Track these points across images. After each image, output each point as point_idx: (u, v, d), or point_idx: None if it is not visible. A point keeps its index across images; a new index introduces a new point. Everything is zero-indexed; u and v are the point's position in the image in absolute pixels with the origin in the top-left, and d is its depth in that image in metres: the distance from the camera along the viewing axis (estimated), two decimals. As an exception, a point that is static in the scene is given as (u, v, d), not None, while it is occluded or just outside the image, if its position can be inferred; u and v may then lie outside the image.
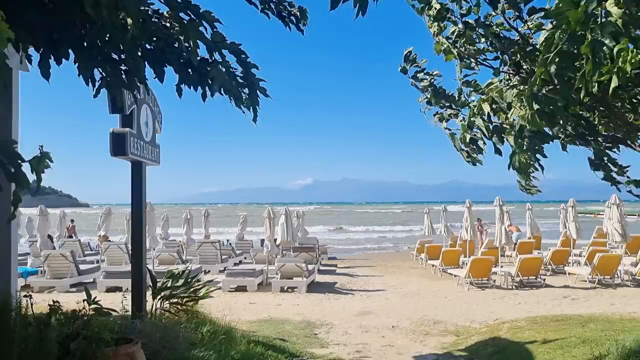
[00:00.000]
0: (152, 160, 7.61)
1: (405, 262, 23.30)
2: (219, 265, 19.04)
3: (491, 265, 15.12)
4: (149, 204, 15.91)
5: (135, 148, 6.82)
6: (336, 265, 21.90)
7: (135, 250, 7.19)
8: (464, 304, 12.75)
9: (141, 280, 7.14)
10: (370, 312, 11.90)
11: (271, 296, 14.12)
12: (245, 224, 26.35)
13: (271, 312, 11.92)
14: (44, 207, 16.72)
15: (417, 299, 13.65)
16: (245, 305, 12.73)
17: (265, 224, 16.19)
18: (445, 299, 13.53)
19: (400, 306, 12.66)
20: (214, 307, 12.45)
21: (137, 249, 7.16)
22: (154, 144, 7.77)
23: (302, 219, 24.76)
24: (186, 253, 20.18)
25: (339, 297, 13.97)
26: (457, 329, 10.04)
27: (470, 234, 18.15)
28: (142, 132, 7.14)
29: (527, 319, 9.39)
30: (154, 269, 15.54)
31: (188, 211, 19.92)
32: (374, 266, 21.71)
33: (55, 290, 14.90)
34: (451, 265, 18.41)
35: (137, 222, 7.16)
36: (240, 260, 22.64)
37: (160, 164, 8.18)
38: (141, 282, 7.14)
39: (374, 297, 13.96)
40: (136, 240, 7.19)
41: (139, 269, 7.13)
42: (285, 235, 17.24)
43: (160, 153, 8.12)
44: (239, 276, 15.04)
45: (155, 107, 7.86)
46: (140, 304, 7.09)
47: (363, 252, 30.46)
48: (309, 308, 12.44)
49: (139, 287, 7.13)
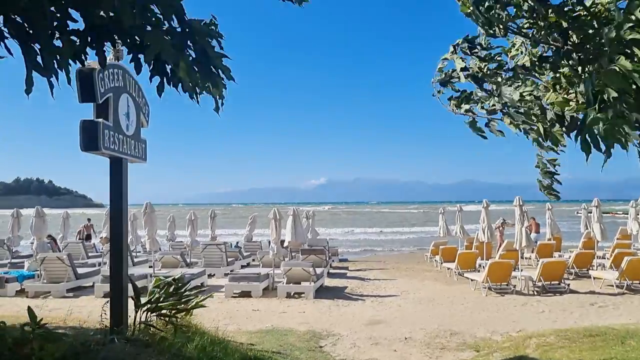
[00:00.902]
0: (135, 156, 6.82)
1: (419, 264, 22.38)
2: (224, 268, 18.27)
3: (511, 269, 14.18)
4: (149, 205, 15.20)
5: (112, 142, 6.03)
6: (347, 268, 21.04)
7: (114, 256, 6.40)
8: (483, 311, 11.84)
9: (121, 291, 6.35)
10: (381, 321, 11.03)
11: (276, 302, 13.30)
12: (254, 225, 25.60)
13: (275, 320, 11.10)
14: (40, 208, 16.05)
15: (432, 305, 12.76)
16: (248, 313, 11.92)
17: (271, 225, 15.38)
18: (462, 305, 12.62)
19: (413, 314, 11.78)
20: (215, 315, 11.69)
21: (116, 255, 6.37)
22: (138, 138, 6.99)
23: (312, 220, 23.92)
24: (191, 255, 19.45)
25: (349, 304, 13.12)
26: (476, 342, 9.12)
27: (487, 235, 17.20)
28: (122, 124, 6.36)
29: (556, 333, 8.45)
30: (154, 273, 14.86)
31: (192, 212, 19.18)
32: (387, 269, 20.82)
33: (51, 296, 14.21)
34: (467, 268, 17.49)
35: (116, 225, 6.38)
36: (248, 263, 21.89)
37: (146, 161, 7.39)
38: (121, 292, 6.35)
39: (386, 304, 13.08)
40: (115, 246, 6.40)
41: (118, 277, 6.36)
42: (294, 236, 16.40)
43: (146, 149, 7.33)
44: (243, 281, 14.24)
45: (139, 97, 7.08)
46: (120, 317, 6.31)
47: (375, 253, 29.58)
48: (315, 316, 11.61)
49: (117, 298, 6.34)
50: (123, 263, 6.35)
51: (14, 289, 14.54)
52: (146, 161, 7.36)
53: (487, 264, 14.11)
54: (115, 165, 6.38)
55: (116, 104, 6.18)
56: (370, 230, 49.05)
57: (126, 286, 6.47)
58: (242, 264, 21.21)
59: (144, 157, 7.26)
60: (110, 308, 6.34)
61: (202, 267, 18.01)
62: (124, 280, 6.39)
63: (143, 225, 15.14)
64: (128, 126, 6.54)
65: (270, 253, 15.18)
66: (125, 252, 6.42)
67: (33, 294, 14.34)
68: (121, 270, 6.33)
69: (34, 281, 14.86)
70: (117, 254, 6.35)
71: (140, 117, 7.08)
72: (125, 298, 6.46)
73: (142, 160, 7.17)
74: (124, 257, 6.40)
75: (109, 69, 5.94)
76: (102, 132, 5.73)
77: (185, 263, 18.42)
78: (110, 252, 6.41)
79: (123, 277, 6.36)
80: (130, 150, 6.61)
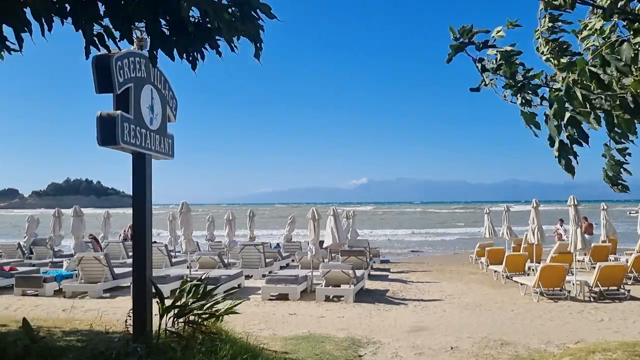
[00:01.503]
0: (160, 152, 6.40)
1: (464, 266, 21.50)
2: (262, 269, 17.87)
3: (565, 273, 13.24)
4: (185, 204, 14.92)
5: (133, 136, 5.61)
6: (389, 270, 20.36)
7: (136, 259, 5.98)
8: (536, 319, 11.01)
9: (144, 295, 5.94)
10: (424, 328, 10.36)
11: (314, 306, 12.77)
12: (293, 225, 25.15)
13: (312, 325, 10.57)
14: (79, 208, 16.01)
15: (479, 311, 11.99)
16: (284, 317, 11.43)
17: (309, 226, 14.87)
18: (512, 312, 11.81)
19: (459, 320, 11.05)
20: (250, 318, 11.26)
21: (139, 258, 5.96)
22: (164, 133, 6.57)
23: (353, 220, 23.33)
24: (229, 256, 19.13)
25: (390, 308, 12.48)
26: (530, 354, 8.35)
27: (537, 236, 16.22)
28: (145, 117, 5.94)
29: (623, 348, 7.61)
30: (190, 274, 14.56)
31: (230, 212, 18.87)
32: (430, 271, 20.04)
33: (88, 296, 14.09)
34: (516, 271, 16.58)
35: (139, 226, 5.97)
36: (287, 264, 21.47)
37: (174, 157, 6.98)
38: (144, 296, 5.94)
39: (430, 309, 12.39)
40: (138, 247, 5.98)
41: (141, 281, 5.94)
42: (334, 237, 15.82)
43: (173, 144, 6.92)
44: (280, 283, 13.77)
45: (165, 90, 6.66)
46: (143, 323, 5.89)
47: (418, 254, 28.74)
48: (355, 321, 11.02)
49: (141, 303, 5.93)
50: (146, 266, 5.94)
51: (52, 288, 14.49)
52: (173, 157, 6.94)
53: (539, 268, 13.22)
54: (138, 162, 5.97)
55: (138, 96, 5.77)
56: (412, 231, 48.07)
57: (150, 290, 6.06)
58: (281, 265, 20.80)
59: (171, 153, 6.85)
60: (133, 314, 5.93)
61: (239, 268, 17.68)
62: (147, 284, 5.97)
63: (179, 225, 14.86)
64: (152, 120, 6.12)
65: (309, 254, 14.67)
66: (148, 254, 6.00)
67: (70, 294, 14.25)
68: (144, 273, 5.91)
69: (72, 281, 14.78)
70: (139, 256, 5.94)
71: (166, 111, 6.66)
72: (149, 303, 6.04)
73: (169, 156, 6.76)
74: (148, 259, 5.98)
75: (129, 57, 5.53)
76: (120, 125, 5.32)
77: (223, 264, 18.13)
78: (133, 255, 6.00)
79: (146, 280, 5.94)
80: (155, 146, 6.19)
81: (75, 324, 8.84)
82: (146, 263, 5.90)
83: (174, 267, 17.99)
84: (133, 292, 5.97)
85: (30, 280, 14.53)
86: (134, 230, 5.99)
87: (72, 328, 8.10)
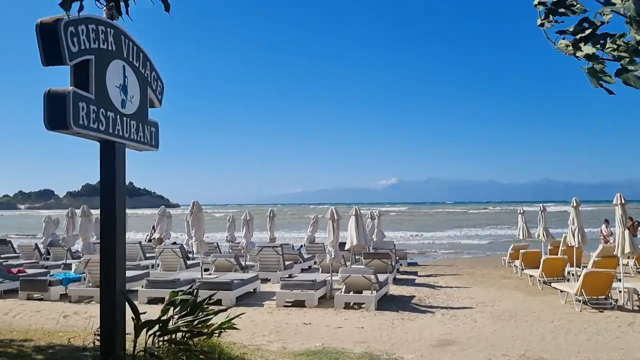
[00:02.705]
0: (137, 141, 5.47)
1: (496, 269, 20.18)
2: (281, 272, 16.91)
3: (611, 279, 11.93)
4: (196, 204, 14.04)
5: (93, 120, 4.68)
6: (416, 273, 19.19)
7: (104, 268, 5.04)
8: (580, 332, 9.76)
9: (113, 310, 5.00)
10: (453, 342, 9.23)
11: (332, 314, 11.74)
12: (316, 225, 24.12)
13: (327, 337, 9.55)
14: (87, 207, 15.29)
15: (514, 322, 10.79)
16: (297, 327, 10.42)
17: (328, 227, 13.83)
18: (552, 323, 10.57)
19: (492, 333, 9.88)
20: (260, 328, 10.27)
21: (107, 266, 5.02)
22: (143, 119, 5.63)
23: (379, 221, 22.16)
24: (246, 259, 18.22)
25: (415, 317, 11.36)
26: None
27: (578, 238, 14.87)
28: (112, 98, 5.00)
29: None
30: (202, 277, 13.68)
31: (247, 212, 17.96)
32: (460, 274, 18.81)
33: (94, 301, 13.33)
34: (554, 276, 15.29)
35: (107, 226, 5.04)
36: (309, 266, 20.51)
37: (158, 147, 6.04)
38: (113, 312, 5.00)
39: (459, 318, 11.23)
40: (106, 254, 5.05)
41: (110, 293, 5.01)
42: (356, 239, 14.71)
43: (157, 133, 5.98)
44: (297, 288, 12.76)
45: (146, 69, 5.72)
46: (112, 344, 4.95)
47: (447, 256, 27.46)
48: (375, 333, 9.95)
49: (110, 320, 5.00)
50: (116, 275, 4.99)
51: (57, 292, 13.77)
52: (157, 148, 6.01)
53: (582, 274, 11.93)
54: (106, 151, 5.05)
55: (102, 72, 4.83)
56: (442, 231, 46.57)
57: (122, 304, 5.11)
58: (303, 268, 19.84)
59: (154, 144, 5.91)
60: (101, 333, 5.00)
61: (256, 271, 16.77)
62: (118, 297, 5.02)
63: (190, 226, 14.01)
64: (124, 102, 5.18)
65: (327, 257, 13.63)
66: (119, 261, 5.05)
67: (77, 298, 13.53)
68: (113, 284, 4.98)
69: (79, 285, 14.04)
70: (108, 264, 5.01)
71: (147, 94, 5.73)
72: (121, 319, 5.10)
73: (151, 146, 5.82)
74: (118, 267, 5.03)
75: (88, 24, 4.60)
76: (73, 104, 4.38)
77: (240, 267, 17.22)
78: (101, 262, 5.06)
79: (116, 293, 5.00)
80: (129, 133, 5.25)
81: (58, 336, 7.99)
82: (116, 272, 4.96)
83: (188, 269, 17.18)
84: (100, 307, 5.04)
85: (35, 284, 13.85)
86: (101, 234, 5.06)
87: (49, 342, 7.25)
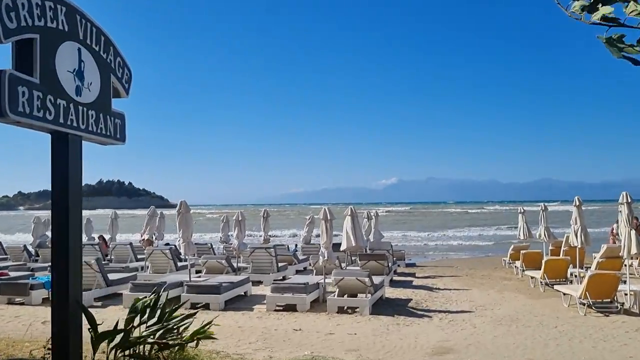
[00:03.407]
0: (98, 134, 4.91)
1: (496, 270, 19.65)
2: (274, 274, 16.36)
3: (618, 282, 11.40)
4: (184, 204, 13.49)
5: (38, 108, 4.12)
6: (414, 275, 18.64)
7: (56, 274, 4.49)
8: (585, 339, 9.20)
9: (66, 321, 4.45)
10: (451, 350, 8.68)
11: (325, 319, 11.19)
12: (312, 226, 23.57)
13: (318, 345, 9.00)
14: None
15: (516, 327, 10.23)
16: (287, 334, 9.87)
17: (321, 227, 13.28)
18: (556, 329, 10.02)
19: (493, 339, 9.33)
20: (247, 335, 9.72)
21: (60, 273, 4.47)
22: (105, 110, 5.08)
23: (376, 221, 21.62)
24: (238, 260, 17.67)
25: (412, 323, 10.81)
26: (585, 390, 6.63)
27: (581, 239, 14.32)
28: (64, 84, 4.44)
29: None
30: (190, 280, 13.14)
31: (239, 212, 17.40)
32: (459, 276, 18.27)
33: (77, 305, 12.79)
34: (556, 278, 14.73)
35: (59, 227, 4.49)
36: (304, 268, 19.98)
37: (125, 141, 5.49)
38: (66, 324, 4.45)
39: (457, 323, 10.68)
40: (58, 258, 4.49)
41: (62, 302, 4.46)
42: (352, 240, 14.15)
43: (124, 126, 5.43)
44: (288, 292, 12.20)
45: (108, 55, 5.17)
46: (66, 357, 4.40)
47: (447, 257, 26.91)
48: (369, 339, 9.40)
49: (63, 334, 4.45)
50: (70, 283, 4.44)
51: (40, 296, 13.20)
52: (124, 142, 5.46)
53: (587, 276, 11.38)
54: (58, 144, 4.50)
55: (49, 54, 4.28)
56: (441, 231, 46.01)
57: (77, 315, 4.56)
58: (298, 269, 19.30)
59: (120, 137, 5.36)
60: (52, 348, 4.45)
61: (248, 273, 16.23)
62: (72, 307, 4.47)
63: (177, 226, 13.46)
64: (79, 90, 4.63)
65: (320, 259, 13.08)
66: (73, 267, 4.50)
67: (59, 302, 12.98)
68: (66, 293, 4.42)
69: (62, 288, 13.48)
70: (59, 271, 4.45)
71: (109, 82, 5.17)
72: (75, 332, 4.55)
73: (115, 139, 5.27)
74: (72, 275, 4.48)
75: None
76: (9, 89, 3.82)
77: (232, 269, 16.68)
78: (52, 269, 4.52)
79: (70, 302, 4.45)
80: (85, 124, 4.70)
81: (21, 347, 7.43)
82: (69, 280, 4.42)
83: (179, 271, 16.63)
84: (52, 319, 4.49)
85: (15, 287, 13.28)
86: (52, 238, 4.51)
87: (10, 355, 6.69)
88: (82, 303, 4.62)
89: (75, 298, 4.50)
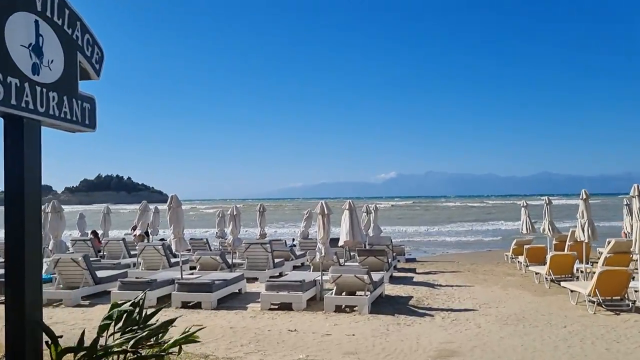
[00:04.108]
0: (61, 119, 4.33)
1: (499, 265, 19.15)
2: (270, 271, 15.85)
3: (629, 278, 10.87)
4: (175, 198, 12.96)
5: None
6: (414, 270, 18.13)
7: (9, 278, 3.93)
8: (597, 340, 8.68)
9: (22, 330, 3.90)
10: (454, 352, 8.15)
11: (321, 318, 10.66)
12: (310, 220, 23.08)
13: (313, 347, 8.48)
14: (57, 203, 14.13)
15: (523, 327, 9.71)
16: (281, 335, 9.34)
17: (318, 222, 12.73)
18: (565, 329, 9.49)
19: (499, 341, 8.80)
20: (239, 336, 9.16)
21: (15, 276, 3.91)
22: (71, 92, 4.49)
23: (375, 215, 21.08)
24: (233, 256, 17.13)
25: (413, 322, 10.28)
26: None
27: (588, 233, 13.80)
28: (17, 60, 3.87)
29: None
30: (182, 278, 12.61)
31: (234, 206, 16.85)
32: (461, 271, 17.76)
33: (63, 304, 12.26)
34: (562, 274, 14.21)
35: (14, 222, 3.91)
36: (302, 263, 19.42)
37: (95, 128, 4.93)
38: (22, 333, 3.90)
39: (461, 322, 10.16)
40: (13, 261, 3.93)
41: (17, 310, 3.89)
42: (350, 235, 13.59)
43: (93, 110, 4.86)
44: (283, 290, 11.67)
45: (74, 30, 4.60)
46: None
47: (447, 251, 26.42)
48: (368, 341, 8.87)
49: (19, 348, 3.90)
50: (26, 288, 3.89)
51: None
52: (94, 129, 4.89)
53: (596, 272, 10.84)
54: (11, 129, 3.92)
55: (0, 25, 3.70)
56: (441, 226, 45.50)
57: (34, 326, 4.00)
58: (295, 265, 18.78)
59: (89, 123, 4.78)
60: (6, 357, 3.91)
61: (243, 269, 15.72)
62: (28, 317, 3.92)
63: (168, 222, 12.92)
64: (37, 67, 4.06)
65: (317, 255, 12.54)
66: (30, 270, 3.94)
67: (45, 301, 12.38)
68: (22, 300, 3.87)
69: (48, 286, 12.92)
70: (14, 274, 3.90)
71: (76, 61, 4.60)
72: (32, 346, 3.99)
73: (84, 126, 4.69)
74: (29, 279, 3.92)
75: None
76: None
77: (227, 265, 16.15)
78: (5, 272, 3.96)
79: (26, 312, 3.89)
80: (45, 107, 4.12)
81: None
82: (25, 284, 3.85)
83: (172, 268, 16.11)
84: (6, 330, 3.94)
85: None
86: (5, 237, 3.95)
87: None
88: (43, 323, 4.06)
89: (35, 318, 3.93)
